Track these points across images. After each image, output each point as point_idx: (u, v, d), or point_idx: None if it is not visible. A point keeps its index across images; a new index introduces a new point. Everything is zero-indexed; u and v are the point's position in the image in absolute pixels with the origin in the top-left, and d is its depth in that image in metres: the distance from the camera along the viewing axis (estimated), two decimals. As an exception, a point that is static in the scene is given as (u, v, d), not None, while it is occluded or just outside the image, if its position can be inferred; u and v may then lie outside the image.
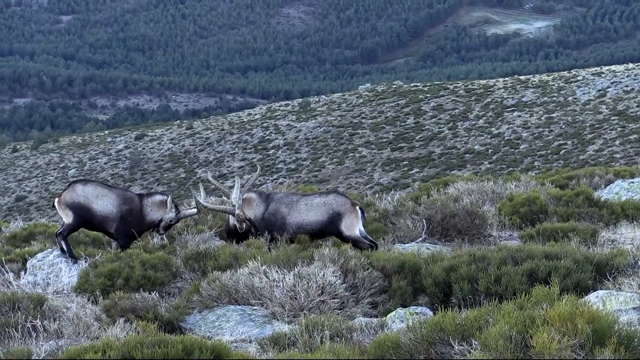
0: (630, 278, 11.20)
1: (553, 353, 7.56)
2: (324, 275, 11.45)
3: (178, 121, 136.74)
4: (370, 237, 14.33)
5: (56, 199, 14.84)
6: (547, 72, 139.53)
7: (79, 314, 11.00)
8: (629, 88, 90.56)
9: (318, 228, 14.40)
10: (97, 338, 10.10)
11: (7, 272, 14.34)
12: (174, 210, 14.74)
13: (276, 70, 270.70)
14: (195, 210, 14.98)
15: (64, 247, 14.53)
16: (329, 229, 14.36)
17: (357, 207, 14.36)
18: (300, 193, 16.31)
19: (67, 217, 14.60)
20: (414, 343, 8.57)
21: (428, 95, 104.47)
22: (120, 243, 14.71)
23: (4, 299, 11.09)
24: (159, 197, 14.93)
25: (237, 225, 14.84)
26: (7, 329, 10.26)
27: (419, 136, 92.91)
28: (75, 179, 56.52)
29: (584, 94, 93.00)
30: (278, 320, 11.16)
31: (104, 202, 14.67)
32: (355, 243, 13.97)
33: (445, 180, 23.62)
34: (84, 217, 14.60)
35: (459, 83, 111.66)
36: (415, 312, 10.56)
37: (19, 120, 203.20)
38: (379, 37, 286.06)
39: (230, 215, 14.97)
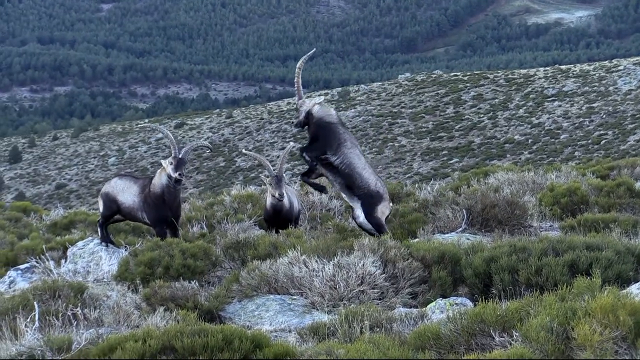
0: (673, 270, 11.09)
1: (595, 345, 7.51)
2: (363, 265, 11.41)
3: (217, 110, 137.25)
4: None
5: None
6: (588, 61, 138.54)
7: (119, 303, 11.03)
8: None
9: None
10: (138, 327, 10.13)
11: (47, 260, 14.46)
12: (167, 160, 14.81)
13: (316, 60, 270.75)
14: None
15: (99, 232, 15.54)
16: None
17: (390, 203, 14.67)
18: None
19: (100, 206, 15.72)
20: (454, 334, 8.54)
21: (468, 84, 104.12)
22: (156, 230, 15.00)
23: (45, 287, 11.15)
24: (159, 169, 15.24)
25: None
26: (47, 317, 10.30)
27: (458, 126, 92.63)
28: (116, 169, 57.32)
29: (625, 83, 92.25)
30: (317, 310, 11.13)
31: (127, 195, 15.37)
32: (380, 228, 14.07)
33: (485, 170, 23.47)
34: (111, 207, 15.48)
35: (499, 72, 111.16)
36: (456, 303, 10.50)
37: (60, 109, 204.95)
38: (418, 26, 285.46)
39: None
